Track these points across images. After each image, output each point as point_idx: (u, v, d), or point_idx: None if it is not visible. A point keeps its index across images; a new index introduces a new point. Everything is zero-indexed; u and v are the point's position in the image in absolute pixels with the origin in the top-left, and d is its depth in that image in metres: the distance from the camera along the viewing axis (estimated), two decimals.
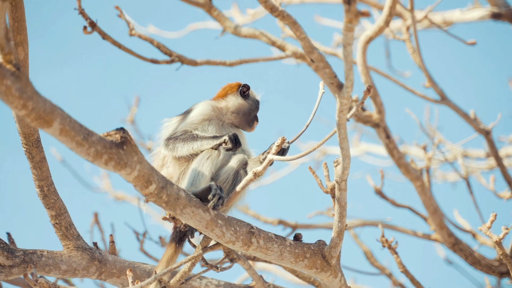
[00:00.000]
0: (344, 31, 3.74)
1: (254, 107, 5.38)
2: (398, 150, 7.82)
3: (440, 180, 12.06)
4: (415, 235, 8.67)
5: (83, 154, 3.81)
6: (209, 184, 4.67)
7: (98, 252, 5.22)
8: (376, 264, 8.13)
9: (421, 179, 7.86)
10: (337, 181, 4.58)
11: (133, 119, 10.30)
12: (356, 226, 9.04)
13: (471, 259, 7.83)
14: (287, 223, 9.07)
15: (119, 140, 3.96)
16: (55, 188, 5.11)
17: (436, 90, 8.08)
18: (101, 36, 6.86)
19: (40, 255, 4.94)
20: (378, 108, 7.74)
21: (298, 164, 12.42)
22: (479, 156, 11.36)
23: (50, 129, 3.63)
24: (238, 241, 4.63)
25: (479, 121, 8.31)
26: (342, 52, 3.85)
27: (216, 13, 7.71)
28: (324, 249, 4.87)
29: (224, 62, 7.78)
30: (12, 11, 4.89)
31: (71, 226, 5.16)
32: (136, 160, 4.03)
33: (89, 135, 3.80)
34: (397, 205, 8.30)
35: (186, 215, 4.41)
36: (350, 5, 3.55)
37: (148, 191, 4.18)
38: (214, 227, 4.54)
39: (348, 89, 4.06)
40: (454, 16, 9.57)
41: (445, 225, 7.92)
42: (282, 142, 4.63)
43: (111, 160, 3.92)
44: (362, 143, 12.64)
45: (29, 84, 3.50)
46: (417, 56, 7.76)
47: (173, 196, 4.30)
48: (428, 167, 8.16)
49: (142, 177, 4.10)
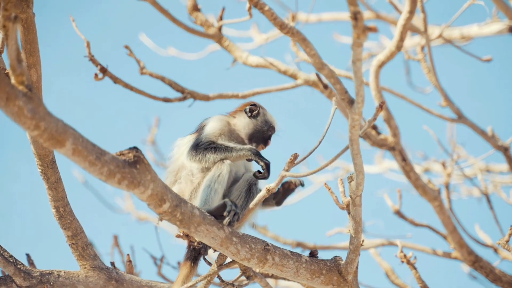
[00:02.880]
0: (353, 47, 3.76)
1: (263, 128, 5.37)
2: (415, 172, 7.80)
3: (466, 195, 11.97)
4: (435, 254, 8.61)
5: (96, 174, 3.83)
6: (224, 201, 4.71)
7: (115, 271, 5.24)
8: (397, 281, 8.08)
9: (439, 199, 7.82)
10: (352, 197, 4.59)
11: (153, 140, 10.35)
12: (377, 245, 8.99)
13: (492, 276, 7.76)
14: (305, 245, 9.05)
15: (132, 159, 3.99)
16: (71, 209, 5.16)
17: (453, 109, 8.04)
18: (113, 80, 6.91)
19: (57, 275, 4.98)
20: (393, 132, 7.73)
21: (320, 184, 12.38)
22: (502, 170, 11.26)
23: (63, 149, 3.65)
24: (254, 258, 4.64)
25: (497, 138, 8.25)
26: (352, 68, 3.87)
27: (227, 44, 7.76)
28: (341, 265, 4.87)
29: (237, 95, 7.80)
30: (24, 33, 4.96)
31: (87, 246, 5.20)
32: (149, 179, 4.05)
33: (102, 154, 3.83)
34: (416, 224, 8.28)
35: (200, 233, 4.43)
36: (357, 21, 3.57)
37: (162, 210, 4.21)
38: (229, 244, 4.56)
39: (359, 105, 4.08)
40: (472, 31, 9.55)
41: (464, 243, 7.86)
42: (294, 158, 4.62)
43: (124, 179, 3.95)
44: (385, 160, 12.57)
45: (41, 105, 3.53)
46: (432, 76, 7.73)
47: (187, 214, 4.32)
48: (447, 183, 8.12)
49: (156, 196, 4.13)
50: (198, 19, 7.74)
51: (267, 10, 4.34)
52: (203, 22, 7.72)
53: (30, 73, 5.01)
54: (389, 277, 8.13)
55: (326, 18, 10.94)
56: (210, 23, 7.73)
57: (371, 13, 10.39)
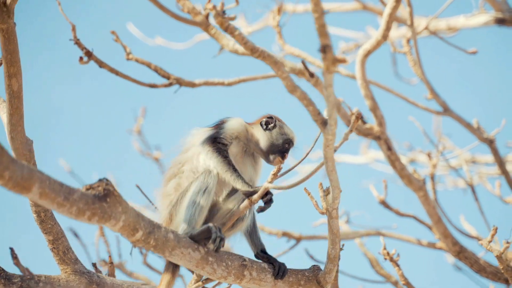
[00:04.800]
0: (324, 74, 3.84)
1: (278, 142, 5.31)
2: (400, 161, 7.82)
3: (451, 186, 12.02)
4: (420, 244, 8.66)
5: (66, 213, 3.81)
6: (208, 226, 4.73)
7: (96, 275, 5.23)
8: (382, 272, 8.11)
9: (424, 189, 7.86)
10: (328, 210, 4.69)
11: (140, 130, 10.33)
12: (362, 235, 9.03)
13: (476, 267, 7.81)
14: (291, 235, 9.07)
15: (102, 193, 3.97)
16: (52, 213, 5.14)
17: (438, 102, 8.08)
18: (98, 64, 6.86)
19: (37, 280, 4.93)
20: (379, 121, 7.75)
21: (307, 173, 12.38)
22: (487, 162, 11.31)
23: (30, 194, 3.60)
24: (231, 276, 4.70)
25: (482, 130, 8.29)
26: (324, 93, 3.94)
27: (213, 32, 7.68)
28: (319, 275, 4.92)
29: (223, 82, 7.79)
30: (5, 43, 4.94)
31: (68, 251, 5.18)
32: (120, 211, 4.04)
33: (70, 193, 3.79)
34: (401, 214, 8.33)
35: (175, 256, 4.47)
36: (326, 53, 3.63)
37: (135, 239, 4.22)
38: (205, 265, 4.61)
39: (332, 127, 4.17)
40: (459, 22, 9.56)
41: (449, 233, 7.90)
42: (278, 171, 4.74)
43: (95, 216, 3.92)
44: (371, 150, 12.59)
45: (5, 154, 3.48)
46: (418, 68, 7.76)
47: (161, 239, 4.35)
48: (432, 174, 8.16)
49: (128, 226, 4.13)
50: (185, 6, 7.70)
51: (237, 35, 4.42)
52: (190, 10, 7.68)
53: (11, 83, 5.00)
54: (374, 267, 8.15)
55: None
56: (197, 10, 7.70)
57: (358, 4, 10.41)
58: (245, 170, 5.15)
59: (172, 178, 5.14)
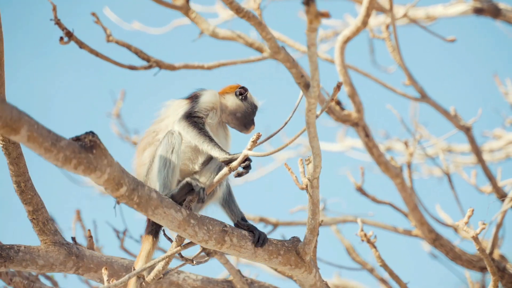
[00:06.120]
0: (307, 32, 3.74)
1: (251, 110, 5.39)
2: (378, 148, 7.86)
3: (427, 175, 12.09)
4: (396, 231, 8.72)
5: (52, 160, 3.79)
6: (186, 180, 4.75)
7: (75, 247, 5.24)
8: (358, 259, 8.16)
9: (401, 176, 7.90)
10: (309, 179, 4.62)
11: (119, 113, 10.27)
12: (338, 222, 9.07)
13: (451, 254, 7.87)
14: (268, 221, 9.10)
15: (88, 144, 3.95)
16: (32, 184, 5.12)
17: (416, 88, 8.12)
18: (78, 45, 6.82)
19: (17, 250, 4.95)
20: (357, 107, 7.77)
21: (282, 161, 12.41)
22: (463, 151, 11.39)
23: (18, 136, 3.60)
24: (211, 240, 4.66)
25: (459, 118, 8.35)
26: (307, 52, 3.86)
27: (194, 16, 7.70)
28: (298, 246, 4.91)
29: (202, 66, 7.77)
30: None
31: (48, 222, 5.17)
32: (106, 164, 4.03)
33: (58, 140, 3.78)
34: (378, 201, 8.37)
35: (158, 215, 4.44)
36: (310, 6, 3.56)
37: (119, 193, 4.19)
38: (186, 226, 4.57)
39: (315, 89, 4.08)
40: (437, 11, 9.61)
41: (425, 221, 7.95)
42: (257, 138, 4.67)
43: (81, 165, 3.90)
44: (347, 138, 12.63)
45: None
46: (397, 54, 7.79)
47: (145, 197, 4.32)
48: (409, 162, 8.21)
49: (113, 180, 4.11)
50: None
51: None
52: None
53: None
54: (350, 254, 8.20)
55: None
56: None
57: None
58: (218, 141, 5.12)
59: (147, 148, 5.12)
